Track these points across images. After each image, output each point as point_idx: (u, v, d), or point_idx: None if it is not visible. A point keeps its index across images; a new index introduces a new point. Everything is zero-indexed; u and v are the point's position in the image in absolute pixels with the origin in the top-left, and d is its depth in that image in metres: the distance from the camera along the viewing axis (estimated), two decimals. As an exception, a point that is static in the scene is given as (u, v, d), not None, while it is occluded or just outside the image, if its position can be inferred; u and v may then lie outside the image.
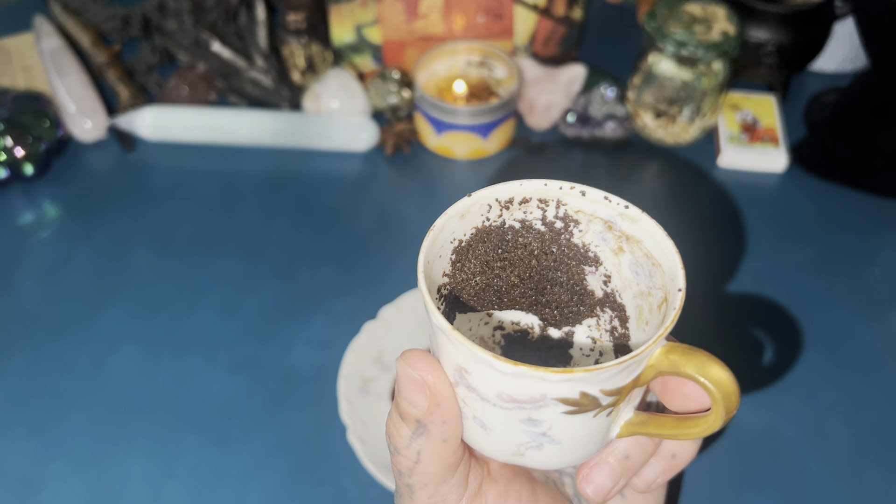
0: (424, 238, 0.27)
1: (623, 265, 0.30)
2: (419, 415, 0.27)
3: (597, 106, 0.72)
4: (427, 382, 0.26)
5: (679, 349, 0.26)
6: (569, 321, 0.33)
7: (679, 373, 0.25)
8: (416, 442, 0.27)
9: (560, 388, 0.24)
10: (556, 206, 0.30)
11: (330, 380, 0.56)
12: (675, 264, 0.27)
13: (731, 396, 0.25)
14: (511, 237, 0.31)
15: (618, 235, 0.30)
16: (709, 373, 0.25)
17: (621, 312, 0.32)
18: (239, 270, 0.63)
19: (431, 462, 0.27)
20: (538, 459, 0.28)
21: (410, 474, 0.28)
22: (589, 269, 0.32)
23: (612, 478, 0.29)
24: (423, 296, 0.26)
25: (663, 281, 0.28)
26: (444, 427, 0.27)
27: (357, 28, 0.74)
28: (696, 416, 0.27)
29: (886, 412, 0.56)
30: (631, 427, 0.28)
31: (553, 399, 0.25)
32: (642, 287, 0.30)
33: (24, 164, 0.67)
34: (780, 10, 0.72)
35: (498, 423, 0.26)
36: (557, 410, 0.25)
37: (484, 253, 0.31)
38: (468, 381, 0.26)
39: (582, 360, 0.33)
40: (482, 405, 0.26)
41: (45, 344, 0.59)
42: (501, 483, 0.30)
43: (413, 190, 0.70)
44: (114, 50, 0.77)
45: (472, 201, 0.29)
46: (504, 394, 0.25)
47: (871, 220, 0.68)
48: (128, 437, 0.54)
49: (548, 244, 0.31)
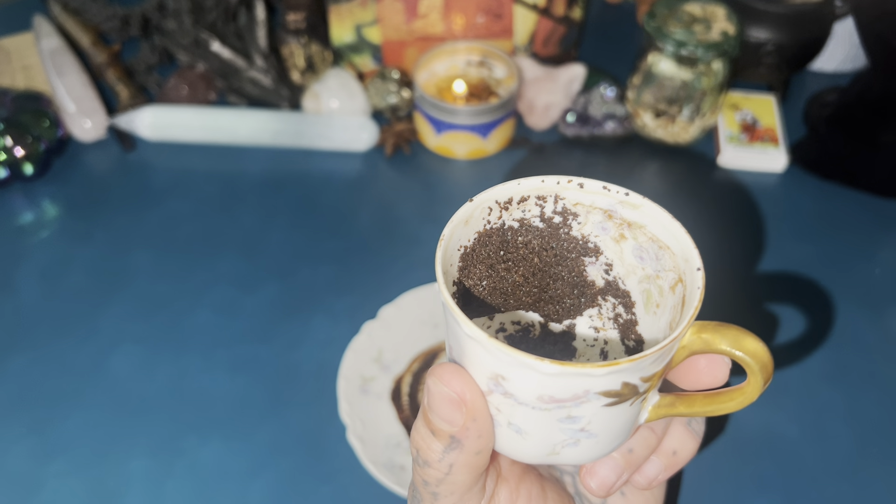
0: (437, 249, 0.27)
1: (625, 252, 0.30)
2: (454, 431, 0.26)
3: (596, 106, 0.72)
4: (464, 399, 0.26)
5: (710, 326, 0.26)
6: (569, 314, 0.33)
7: (712, 349, 0.26)
8: (449, 456, 0.27)
9: (604, 382, 0.24)
10: (553, 201, 0.30)
11: (330, 380, 0.56)
12: (687, 245, 0.27)
13: (768, 367, 0.25)
14: (511, 237, 0.31)
15: (619, 223, 0.30)
16: (744, 346, 0.25)
17: (626, 298, 0.32)
18: (239, 270, 0.63)
19: (462, 473, 0.27)
20: (573, 455, 0.28)
21: (438, 484, 0.28)
22: (589, 260, 0.32)
23: (615, 471, 0.29)
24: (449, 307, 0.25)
25: (674, 262, 0.28)
26: (479, 440, 0.27)
27: (357, 28, 0.74)
28: (731, 389, 0.27)
29: (886, 412, 0.56)
30: (659, 410, 0.28)
31: (595, 393, 0.25)
32: (648, 271, 0.30)
33: (23, 164, 0.67)
34: (780, 10, 0.72)
35: (535, 425, 0.26)
36: (598, 404, 0.25)
37: (487, 256, 0.30)
38: (505, 388, 0.25)
39: (587, 350, 0.33)
40: (519, 410, 0.26)
41: (45, 344, 0.59)
42: (512, 481, 0.30)
43: (413, 190, 0.70)
44: (113, 50, 0.77)
45: (474, 206, 0.29)
46: (545, 395, 0.25)
47: (871, 220, 0.68)
48: (128, 437, 0.54)
49: (547, 240, 0.31)
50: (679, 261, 0.28)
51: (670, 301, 0.29)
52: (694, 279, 0.27)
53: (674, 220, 0.28)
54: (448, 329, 0.27)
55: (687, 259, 0.28)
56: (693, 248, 0.27)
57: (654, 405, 0.28)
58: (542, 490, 0.31)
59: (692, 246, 0.27)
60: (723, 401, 0.27)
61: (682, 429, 0.31)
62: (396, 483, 0.49)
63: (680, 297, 0.28)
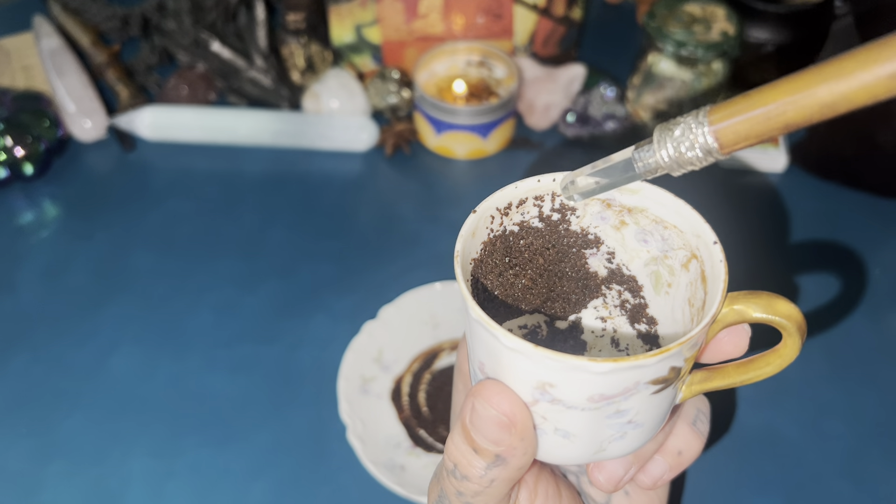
0: (455, 266, 0.27)
1: (627, 237, 0.31)
2: (500, 451, 0.26)
3: (596, 106, 0.72)
4: (514, 421, 0.25)
5: (741, 297, 0.26)
6: (574, 309, 0.33)
7: (747, 319, 0.26)
8: (492, 472, 0.26)
9: (654, 371, 0.24)
10: (551, 199, 0.30)
11: (330, 380, 0.56)
12: (696, 220, 0.28)
13: (803, 327, 0.26)
14: (513, 242, 0.31)
15: (618, 211, 0.30)
16: (778, 309, 0.26)
17: (632, 283, 0.32)
18: (239, 270, 0.63)
19: (503, 487, 0.27)
20: (619, 449, 0.28)
21: (475, 496, 0.27)
22: (590, 252, 0.32)
23: (623, 465, 0.29)
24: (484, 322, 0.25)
25: (683, 240, 0.28)
26: (524, 457, 0.26)
27: (357, 28, 0.74)
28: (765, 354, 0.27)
29: (886, 412, 0.56)
30: (693, 387, 0.28)
31: (645, 383, 0.25)
32: (654, 252, 0.30)
33: (23, 164, 0.67)
34: (780, 10, 0.72)
35: (584, 426, 0.26)
36: (647, 393, 0.25)
37: (495, 265, 0.30)
38: (552, 395, 0.25)
39: (597, 342, 0.33)
40: (567, 414, 0.25)
41: (45, 344, 0.59)
42: (530, 482, 0.30)
43: (413, 190, 0.70)
44: (113, 50, 0.77)
45: (478, 217, 0.29)
46: (595, 394, 0.24)
47: (871, 220, 0.68)
48: (128, 437, 0.54)
49: (547, 239, 0.31)
50: (689, 237, 0.28)
51: (684, 278, 0.29)
52: (712, 253, 0.27)
53: (676, 199, 0.28)
54: (478, 344, 0.26)
55: (698, 234, 0.28)
56: (703, 223, 0.27)
57: (687, 384, 0.28)
58: (557, 488, 0.31)
59: (702, 221, 0.27)
60: (759, 366, 0.27)
61: (688, 429, 0.31)
62: (396, 483, 0.49)
63: (697, 273, 0.28)
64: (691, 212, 0.28)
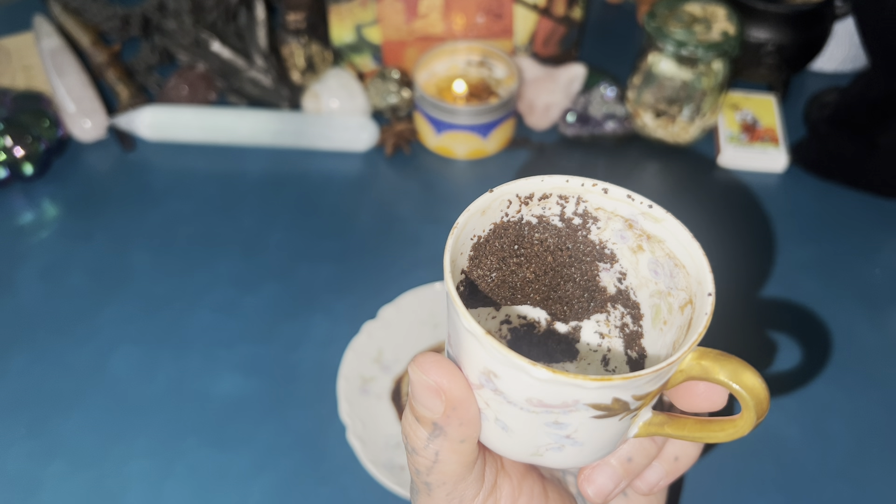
0: (448, 236, 0.27)
1: (641, 263, 0.30)
2: (435, 418, 0.27)
3: (597, 106, 0.72)
4: (442, 387, 0.26)
5: (711, 355, 0.25)
6: (577, 316, 0.33)
7: (710, 378, 0.25)
8: (434, 443, 0.27)
9: (594, 395, 0.24)
10: (575, 202, 0.30)
11: (330, 380, 0.56)
12: (703, 267, 0.27)
13: (763, 403, 0.25)
14: (528, 232, 0.30)
15: (638, 234, 0.29)
16: (742, 380, 0.25)
17: (635, 310, 0.31)
18: (239, 270, 0.63)
19: (450, 461, 0.28)
20: (557, 460, 0.28)
21: (428, 473, 0.28)
22: (603, 266, 0.31)
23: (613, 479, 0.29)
24: (451, 297, 0.25)
25: (687, 283, 0.28)
26: (462, 429, 0.27)
27: (357, 28, 0.74)
28: (723, 419, 0.27)
29: (886, 412, 0.56)
30: (650, 427, 0.28)
31: (585, 405, 0.25)
32: (661, 287, 0.30)
33: (23, 164, 0.67)
34: (780, 10, 0.72)
35: (521, 425, 0.26)
36: (587, 415, 0.25)
37: (500, 249, 0.30)
38: (496, 385, 0.25)
39: (589, 354, 0.33)
40: (507, 408, 0.26)
41: (45, 344, 0.59)
42: (515, 478, 0.30)
43: (413, 190, 0.70)
44: (114, 50, 0.77)
45: (494, 197, 0.28)
46: (534, 398, 0.25)
47: (871, 220, 0.68)
48: (128, 437, 0.54)
49: (564, 240, 0.31)
50: (692, 282, 0.28)
51: (678, 321, 0.29)
52: (703, 304, 0.26)
53: (693, 240, 0.28)
54: (449, 320, 0.27)
55: (700, 282, 0.27)
56: (708, 272, 0.27)
57: (646, 422, 0.28)
58: (544, 490, 0.31)
59: (707, 269, 0.27)
60: (713, 430, 0.27)
61: None
62: (396, 483, 0.49)
63: (687, 319, 0.28)
64: (701, 257, 0.27)
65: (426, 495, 0.29)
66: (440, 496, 0.28)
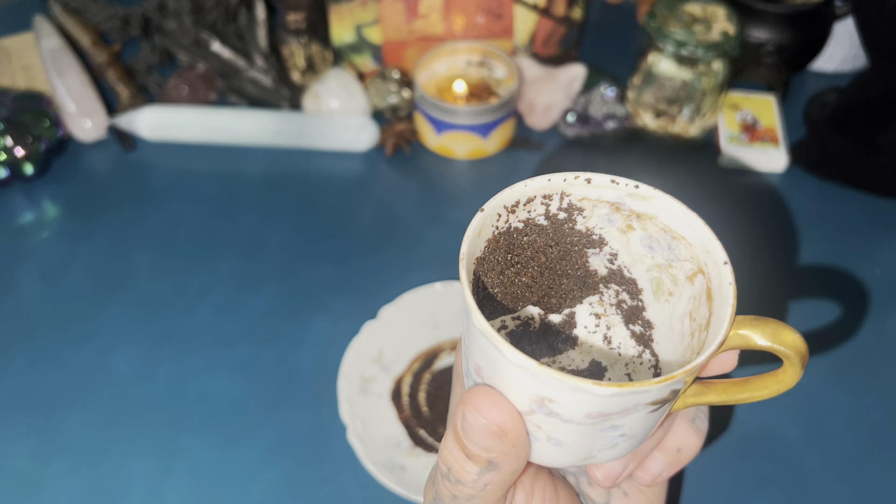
0: (460, 269, 0.27)
1: (632, 241, 0.30)
2: (492, 457, 0.26)
3: (597, 106, 0.72)
4: (505, 430, 0.25)
5: (747, 322, 0.26)
6: (569, 303, 0.33)
7: (752, 346, 0.26)
8: (485, 476, 0.26)
9: (656, 394, 0.24)
10: (559, 198, 0.30)
11: (330, 380, 0.56)
12: (707, 236, 0.27)
13: (805, 357, 0.26)
14: (516, 238, 0.31)
15: (626, 215, 0.30)
16: (784, 339, 0.26)
17: (631, 286, 0.32)
18: (239, 270, 0.63)
19: (497, 491, 0.27)
20: (608, 456, 0.28)
21: (470, 499, 0.27)
22: (592, 251, 0.32)
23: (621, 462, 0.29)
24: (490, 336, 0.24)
25: (691, 252, 0.28)
26: (517, 462, 0.26)
27: (357, 28, 0.74)
28: (763, 376, 0.27)
29: (886, 412, 0.56)
30: (687, 399, 0.28)
31: (645, 404, 0.25)
32: (659, 260, 0.30)
33: (24, 164, 0.67)
34: (780, 10, 0.72)
35: (577, 438, 0.26)
36: (645, 412, 0.25)
37: (497, 263, 0.30)
38: (550, 409, 0.25)
39: (589, 337, 0.33)
40: (562, 426, 0.25)
41: (45, 344, 0.59)
42: (527, 483, 0.30)
43: (413, 190, 0.70)
44: (114, 50, 0.77)
45: (485, 215, 0.28)
46: (594, 413, 0.25)
47: (871, 220, 0.68)
48: (128, 437, 0.54)
49: (551, 236, 0.31)
50: (697, 251, 0.28)
51: (688, 291, 0.29)
52: (721, 273, 0.27)
53: (689, 211, 0.28)
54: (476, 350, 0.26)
55: (708, 251, 0.28)
56: (715, 240, 0.27)
57: (683, 396, 0.28)
58: (555, 489, 0.31)
59: (713, 238, 0.27)
60: (757, 388, 0.27)
61: (687, 426, 0.31)
62: (396, 483, 0.49)
63: (703, 289, 0.28)
64: (703, 227, 0.28)
65: None
66: None
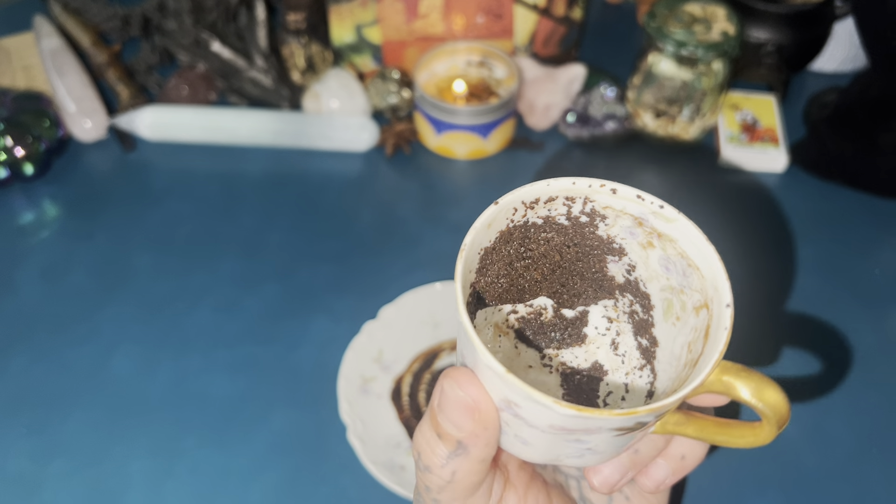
0: (457, 261, 0.26)
1: (651, 258, 0.30)
2: (461, 437, 0.26)
3: (597, 106, 0.72)
4: (479, 406, 0.25)
5: (733, 370, 0.25)
6: (582, 302, 0.33)
7: (732, 395, 0.25)
8: (453, 462, 0.26)
9: (618, 423, 0.24)
10: (582, 202, 0.29)
11: (330, 380, 0.56)
12: (719, 273, 0.27)
13: (784, 418, 0.25)
14: (533, 233, 0.30)
15: (648, 231, 0.29)
16: (765, 397, 0.25)
17: (645, 300, 0.31)
18: (239, 270, 0.63)
19: (465, 481, 0.27)
20: (576, 463, 0.28)
21: (440, 491, 0.27)
22: (611, 258, 0.31)
23: (619, 470, 0.29)
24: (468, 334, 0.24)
25: (702, 285, 0.28)
26: (486, 449, 0.26)
27: (357, 28, 0.74)
28: (743, 425, 0.27)
29: (886, 412, 0.56)
30: (667, 426, 0.27)
31: (609, 429, 0.25)
32: (673, 283, 0.29)
33: (24, 164, 0.67)
34: (780, 10, 0.72)
35: (542, 442, 0.26)
36: (610, 435, 0.25)
37: (507, 254, 0.30)
38: (516, 412, 0.25)
39: (597, 339, 0.33)
40: (528, 429, 0.26)
41: (45, 344, 0.59)
42: (520, 488, 0.30)
43: (413, 190, 0.70)
44: (114, 50, 0.77)
45: (499, 208, 0.28)
46: (556, 426, 0.25)
47: (871, 220, 0.68)
48: (128, 437, 0.54)
49: (570, 237, 0.31)
50: (707, 286, 0.27)
51: (692, 321, 0.28)
52: (721, 315, 0.26)
53: (708, 244, 0.27)
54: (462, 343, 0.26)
55: (716, 288, 0.27)
56: (724, 279, 0.26)
57: (664, 421, 0.28)
58: (548, 497, 0.31)
59: (724, 276, 0.26)
60: (734, 434, 0.27)
61: None
62: (396, 483, 0.49)
63: (704, 323, 0.27)
64: (717, 262, 0.27)
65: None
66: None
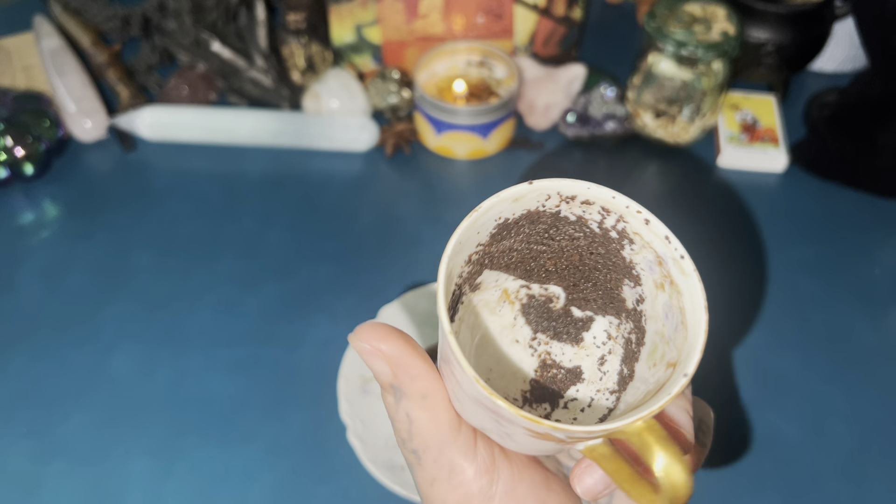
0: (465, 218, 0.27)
1: (659, 300, 0.30)
2: (390, 380, 0.28)
3: (597, 106, 0.72)
4: (381, 350, 0.28)
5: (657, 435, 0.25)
6: (594, 309, 0.33)
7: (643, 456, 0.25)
8: (401, 405, 0.28)
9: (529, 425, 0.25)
10: (616, 219, 0.29)
11: (330, 380, 0.56)
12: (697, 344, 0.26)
13: (681, 500, 0.25)
14: (562, 226, 0.30)
15: (664, 274, 0.29)
16: (671, 472, 0.25)
17: (641, 334, 0.31)
18: (239, 270, 0.63)
19: (422, 420, 0.28)
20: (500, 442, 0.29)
21: (411, 439, 0.29)
22: (627, 283, 0.31)
23: (602, 482, 0.29)
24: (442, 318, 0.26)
25: (681, 346, 0.28)
26: (416, 384, 0.28)
27: (357, 28, 0.74)
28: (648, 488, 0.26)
29: (886, 412, 0.56)
30: (594, 453, 0.27)
31: (520, 427, 0.25)
32: (665, 331, 0.29)
33: (24, 164, 0.67)
34: (780, 10, 0.72)
35: (469, 409, 0.27)
36: (524, 432, 0.26)
37: (528, 233, 0.30)
38: (452, 371, 0.26)
39: (592, 349, 0.33)
40: (459, 391, 0.27)
41: (45, 344, 0.59)
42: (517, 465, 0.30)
43: (413, 190, 0.70)
44: (114, 50, 0.77)
45: (532, 188, 0.28)
46: (476, 397, 0.26)
47: (871, 220, 0.68)
48: (128, 437, 0.54)
49: (596, 245, 0.31)
50: (684, 349, 0.27)
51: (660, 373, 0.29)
52: (676, 380, 0.26)
53: (705, 312, 0.27)
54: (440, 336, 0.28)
55: (689, 355, 0.27)
56: (699, 351, 0.26)
57: (591, 447, 0.28)
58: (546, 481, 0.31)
59: (700, 348, 0.26)
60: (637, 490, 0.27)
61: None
62: (396, 483, 0.49)
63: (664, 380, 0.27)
64: (702, 333, 0.27)
65: (417, 466, 0.29)
66: (428, 463, 0.29)
